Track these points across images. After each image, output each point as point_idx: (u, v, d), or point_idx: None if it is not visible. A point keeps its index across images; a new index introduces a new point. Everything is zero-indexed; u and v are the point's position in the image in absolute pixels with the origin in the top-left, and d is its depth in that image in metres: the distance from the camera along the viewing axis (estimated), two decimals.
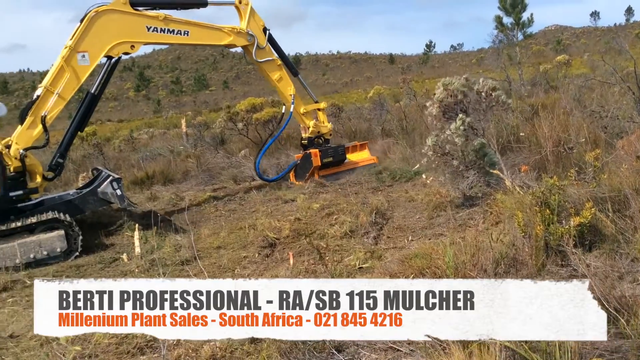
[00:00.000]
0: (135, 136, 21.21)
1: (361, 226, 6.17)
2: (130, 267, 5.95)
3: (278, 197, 8.83)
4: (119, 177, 7.45)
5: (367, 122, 14.86)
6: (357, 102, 24.96)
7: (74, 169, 13.68)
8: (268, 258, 5.74)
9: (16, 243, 6.30)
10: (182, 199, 9.80)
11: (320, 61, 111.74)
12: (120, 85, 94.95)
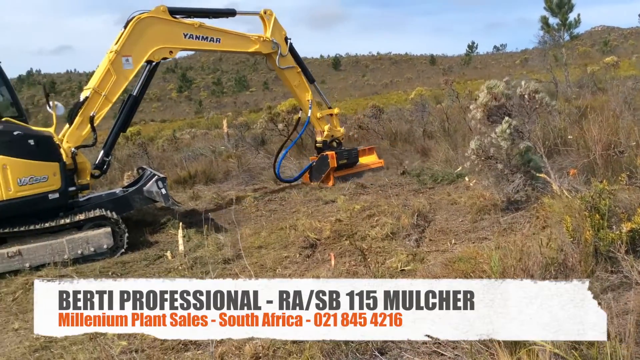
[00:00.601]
0: (177, 136, 21.60)
1: (402, 228, 6.12)
2: (174, 265, 6.05)
3: (318, 197, 8.85)
4: (164, 177, 7.61)
5: (408, 123, 14.75)
6: (397, 103, 24.82)
7: (119, 167, 14.02)
8: (309, 258, 5.76)
9: (65, 239, 6.49)
10: (224, 199, 9.92)
11: (360, 62, 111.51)
12: (163, 86, 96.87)
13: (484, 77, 37.65)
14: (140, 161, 14.16)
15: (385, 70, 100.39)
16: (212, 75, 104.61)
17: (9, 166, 6.51)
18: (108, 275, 6.00)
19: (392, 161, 11.12)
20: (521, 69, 40.36)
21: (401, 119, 15.85)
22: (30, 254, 6.28)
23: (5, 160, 6.50)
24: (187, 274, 5.60)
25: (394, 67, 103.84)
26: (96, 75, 7.58)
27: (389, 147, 12.25)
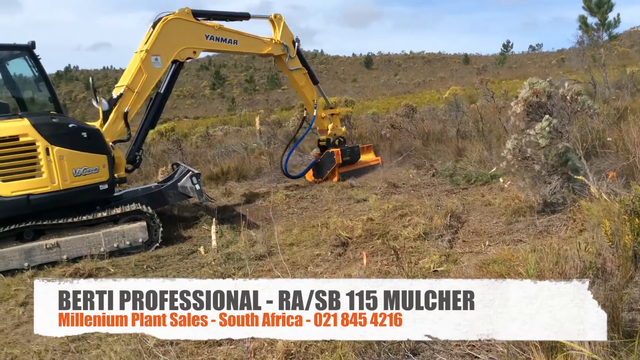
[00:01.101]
0: (210, 133, 21.82)
1: (435, 229, 6.07)
2: (207, 260, 6.12)
3: (350, 196, 8.85)
4: (198, 172, 7.71)
5: (441, 123, 14.62)
6: (430, 102, 24.61)
7: (154, 163, 14.24)
8: (341, 257, 5.76)
9: (101, 232, 6.63)
10: (255, 196, 10.01)
11: (393, 61, 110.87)
12: (197, 83, 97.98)
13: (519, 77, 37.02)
14: (174, 157, 14.36)
15: (417, 69, 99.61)
16: (245, 73, 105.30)
17: (65, 157, 6.75)
18: (143, 269, 6.11)
19: (424, 161, 11.04)
20: (558, 69, 39.58)
21: (434, 119, 15.71)
22: (68, 246, 6.43)
23: (62, 152, 6.73)
24: (220, 270, 5.66)
25: (427, 66, 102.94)
26: (128, 74, 7.77)
27: (422, 147, 12.15)
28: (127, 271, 6.03)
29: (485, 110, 13.87)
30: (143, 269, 6.13)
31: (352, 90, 62.74)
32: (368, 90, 60.29)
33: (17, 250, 6.28)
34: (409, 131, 13.70)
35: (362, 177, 10.32)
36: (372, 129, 15.44)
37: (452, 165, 10.15)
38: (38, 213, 6.55)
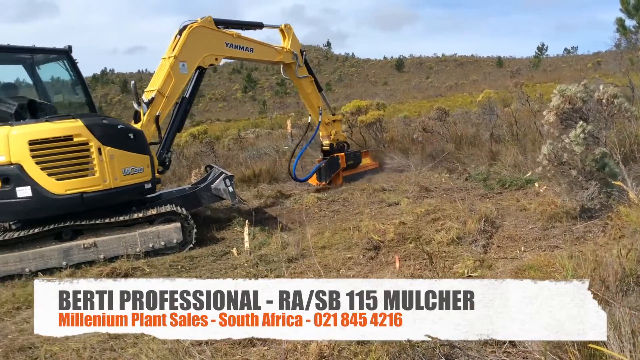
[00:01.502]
0: (242, 135, 22.00)
1: (469, 233, 6.00)
2: (240, 261, 6.18)
3: (381, 199, 8.83)
4: (231, 175, 7.80)
5: (474, 126, 14.46)
6: (462, 106, 24.35)
7: (187, 165, 14.44)
8: (373, 260, 5.75)
9: (137, 232, 6.75)
10: (287, 198, 10.06)
11: (424, 64, 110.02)
12: (229, 86, 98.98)
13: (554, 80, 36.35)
14: (207, 159, 14.54)
15: (450, 72, 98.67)
16: (276, 76, 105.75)
17: (115, 157, 6.98)
18: (178, 269, 6.20)
19: (456, 165, 10.95)
20: (594, 72, 38.76)
21: (467, 122, 15.55)
22: (105, 245, 6.57)
23: (113, 152, 6.95)
24: (253, 271, 5.70)
25: (459, 68, 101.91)
26: (158, 78, 7.96)
27: (454, 151, 12.04)
28: (162, 271, 6.12)
29: (519, 113, 13.67)
30: (177, 269, 6.22)
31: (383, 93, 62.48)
32: (399, 94, 59.98)
33: (55, 250, 6.44)
34: (441, 135, 13.59)
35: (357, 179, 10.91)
36: (404, 133, 15.37)
37: (485, 169, 10.04)
38: (83, 212, 6.73)
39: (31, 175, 6.45)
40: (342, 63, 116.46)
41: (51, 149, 6.57)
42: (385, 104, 19.86)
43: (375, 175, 11.32)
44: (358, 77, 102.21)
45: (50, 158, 6.57)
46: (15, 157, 6.42)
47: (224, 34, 8.80)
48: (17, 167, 6.42)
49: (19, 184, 6.41)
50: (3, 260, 6.29)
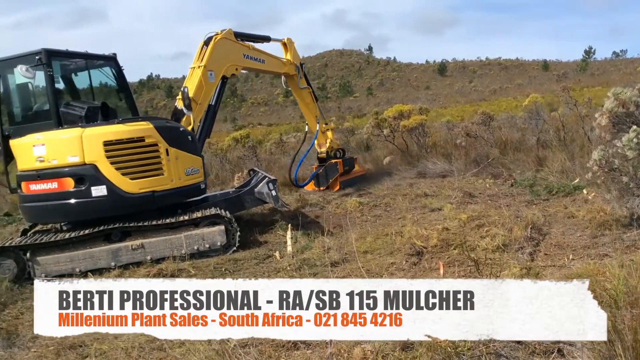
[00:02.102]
0: (284, 139, 22.17)
1: (515, 240, 5.89)
2: (283, 265, 6.22)
3: (424, 205, 8.74)
4: (274, 179, 7.87)
5: (519, 131, 14.18)
6: (507, 110, 23.92)
7: (230, 169, 14.64)
8: (416, 266, 5.70)
9: (183, 235, 6.88)
10: (329, 202, 10.07)
11: (468, 68, 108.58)
12: (270, 91, 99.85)
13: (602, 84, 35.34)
14: (249, 163, 14.70)
15: (493, 76, 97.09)
16: (318, 80, 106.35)
17: (179, 158, 7.32)
18: (222, 271, 6.28)
19: (501, 170, 10.76)
20: None
21: (512, 127, 15.27)
22: (152, 247, 6.72)
23: (177, 153, 7.30)
24: (296, 275, 5.73)
25: (504, 72, 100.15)
26: (191, 87, 8.13)
27: (499, 156, 11.83)
28: (206, 273, 6.22)
29: (566, 118, 13.34)
30: (221, 271, 6.30)
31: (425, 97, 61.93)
32: (441, 98, 59.36)
33: (104, 250, 6.63)
34: (485, 140, 13.37)
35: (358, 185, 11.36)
36: (447, 137, 15.21)
37: (532, 175, 9.83)
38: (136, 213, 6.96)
39: (106, 175, 6.73)
40: (383, 67, 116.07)
41: (125, 150, 6.87)
42: (428, 109, 19.69)
43: (365, 180, 11.83)
44: (399, 82, 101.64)
45: (124, 158, 6.86)
46: (90, 157, 6.69)
47: (242, 45, 9.15)
48: (91, 167, 6.69)
49: (94, 184, 6.69)
50: (55, 260, 6.52)
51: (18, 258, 6.53)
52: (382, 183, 11.60)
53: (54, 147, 6.68)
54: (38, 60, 6.85)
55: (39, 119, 7.10)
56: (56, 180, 6.68)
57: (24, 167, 6.93)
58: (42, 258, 6.51)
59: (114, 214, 6.84)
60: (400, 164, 13.29)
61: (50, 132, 6.81)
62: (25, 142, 6.86)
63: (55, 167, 6.67)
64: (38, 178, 6.73)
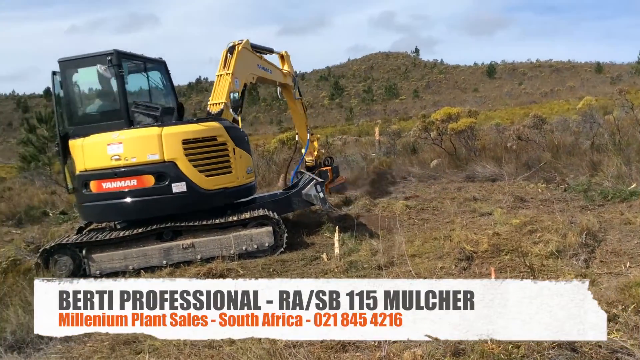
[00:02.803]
0: (330, 142, 22.22)
1: (569, 247, 5.72)
2: (330, 267, 6.22)
3: (473, 209, 8.60)
4: (322, 181, 7.90)
5: (572, 135, 13.79)
6: (559, 113, 23.31)
7: (277, 170, 14.77)
8: (465, 271, 5.61)
9: (232, 235, 6.98)
10: (376, 205, 10.02)
11: (517, 70, 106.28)
12: (316, 93, 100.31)
13: None
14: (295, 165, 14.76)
15: (544, 78, 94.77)
16: (363, 83, 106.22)
17: (242, 157, 7.70)
18: (269, 272, 6.34)
19: (554, 175, 10.48)
20: None
21: (565, 130, 14.86)
22: (202, 246, 6.85)
23: (240, 152, 7.66)
24: (343, 277, 5.73)
25: (555, 74, 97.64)
26: (222, 93, 8.23)
27: (551, 160, 11.53)
28: (254, 273, 6.28)
29: (622, 122, 12.90)
30: (269, 272, 6.36)
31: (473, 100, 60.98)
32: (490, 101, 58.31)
33: (157, 249, 6.80)
34: (537, 143, 13.06)
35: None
36: (496, 141, 14.92)
37: (586, 180, 9.54)
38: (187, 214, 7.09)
39: (185, 172, 6.99)
40: (430, 69, 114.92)
41: (201, 148, 7.17)
42: (477, 111, 19.37)
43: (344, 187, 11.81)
44: (447, 84, 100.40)
45: (200, 156, 7.16)
46: (169, 155, 6.93)
47: (257, 56, 9.36)
48: (171, 164, 6.94)
49: (175, 180, 6.94)
50: (109, 258, 6.73)
51: (74, 255, 6.76)
52: (430, 186, 11.48)
53: (132, 145, 6.89)
54: (109, 61, 7.02)
55: (107, 118, 7.27)
56: (135, 178, 6.89)
57: (93, 166, 7.02)
58: (97, 255, 6.73)
59: (192, 209, 7.11)
60: (447, 168, 13.11)
61: (126, 131, 7.00)
62: (97, 141, 6.98)
63: (135, 165, 6.89)
64: (115, 176, 6.90)
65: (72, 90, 7.42)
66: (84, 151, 7.06)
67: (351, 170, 14.08)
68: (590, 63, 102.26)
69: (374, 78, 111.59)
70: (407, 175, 13.18)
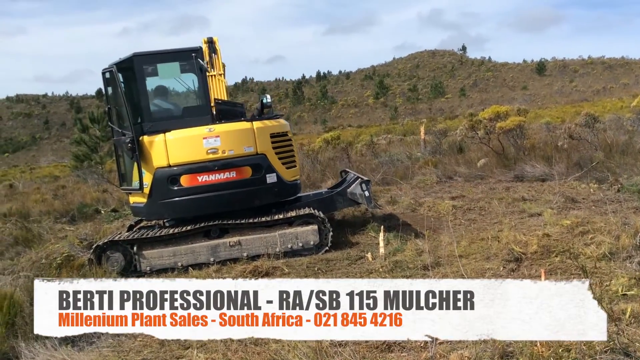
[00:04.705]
0: (375, 141, 22.14)
1: (622, 249, 5.53)
2: (375, 267, 6.20)
3: (522, 210, 8.42)
4: (368, 180, 7.87)
5: (627, 134, 13.32)
6: (612, 111, 22.55)
7: (321, 170, 14.82)
8: (514, 272, 5.50)
9: (277, 233, 7.05)
10: (421, 205, 9.93)
11: (568, 67, 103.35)
12: (360, 93, 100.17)
13: None
14: (340, 164, 14.80)
15: (597, 75, 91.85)
16: (408, 82, 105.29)
17: (297, 153, 8.22)
18: (314, 271, 6.37)
19: (607, 175, 10.15)
20: None
21: (619, 129, 14.37)
22: (248, 244, 6.94)
23: (296, 148, 8.18)
24: (388, 277, 5.71)
25: (607, 72, 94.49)
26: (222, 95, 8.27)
27: (604, 159, 11.17)
28: (299, 272, 6.32)
29: None
30: (314, 270, 6.39)
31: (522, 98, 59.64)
32: (539, 99, 56.91)
33: (204, 246, 6.93)
34: (589, 142, 12.67)
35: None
36: (546, 140, 14.56)
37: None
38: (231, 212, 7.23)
39: (273, 164, 7.41)
40: (477, 67, 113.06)
41: (281, 142, 7.64)
42: (527, 109, 18.95)
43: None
44: (494, 82, 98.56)
45: (283, 149, 7.62)
46: (262, 147, 7.32)
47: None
48: (263, 156, 7.34)
49: (268, 172, 7.33)
50: (159, 255, 6.90)
51: (125, 252, 6.96)
52: (477, 186, 11.30)
53: (229, 138, 7.17)
54: (194, 57, 7.21)
55: (190, 114, 7.50)
56: (235, 170, 7.17)
57: (185, 160, 7.06)
58: (147, 252, 6.91)
59: (279, 199, 7.58)
60: (495, 167, 12.86)
61: (220, 124, 7.25)
62: (190, 135, 7.08)
63: (233, 157, 7.18)
64: (214, 169, 7.11)
65: (148, 86, 7.42)
66: (168, 146, 7.04)
67: (396, 170, 13.99)
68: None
69: (419, 77, 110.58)
70: (454, 174, 13.00)
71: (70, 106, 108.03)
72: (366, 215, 9.10)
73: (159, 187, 7.13)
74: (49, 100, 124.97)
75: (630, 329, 3.61)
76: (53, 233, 10.24)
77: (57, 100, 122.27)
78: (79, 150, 22.79)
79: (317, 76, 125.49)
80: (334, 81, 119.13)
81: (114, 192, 14.38)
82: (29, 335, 4.54)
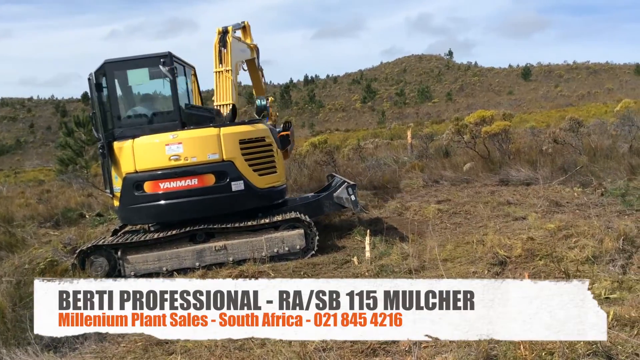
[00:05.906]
0: (362, 145, 22.19)
1: (606, 252, 5.59)
2: (361, 270, 6.21)
3: (507, 213, 8.48)
4: (354, 184, 7.89)
5: (610, 138, 13.47)
6: (596, 116, 22.80)
7: (308, 174, 14.80)
8: (498, 276, 5.52)
9: (263, 237, 7.02)
10: (407, 209, 9.96)
11: (553, 72, 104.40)
12: (348, 97, 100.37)
13: None
14: (327, 168, 14.80)
15: (581, 80, 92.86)
16: (396, 86, 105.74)
17: (281, 159, 8.07)
18: (300, 275, 6.36)
19: (591, 179, 10.26)
20: None
21: (603, 134, 14.53)
22: (234, 249, 6.91)
23: (280, 154, 8.09)
24: None
25: (592, 77, 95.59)
26: (227, 93, 8.44)
27: (588, 163, 11.28)
28: (285, 276, 6.30)
29: None
30: (300, 274, 6.38)
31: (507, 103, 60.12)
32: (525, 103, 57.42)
33: (190, 251, 6.89)
34: (573, 146, 12.79)
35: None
36: (531, 144, 14.68)
37: (624, 184, 9.32)
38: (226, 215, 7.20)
39: (242, 171, 7.18)
40: (463, 72, 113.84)
41: (254, 148, 7.40)
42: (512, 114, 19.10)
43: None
44: (480, 87, 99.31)
45: (254, 156, 7.37)
46: (228, 154, 7.13)
47: (236, 39, 9.34)
48: (230, 163, 7.13)
49: (234, 179, 7.13)
50: (143, 259, 6.85)
51: (110, 256, 6.90)
52: (462, 190, 11.35)
53: (192, 145, 7.04)
54: (163, 63, 7.08)
55: (159, 120, 7.47)
56: (196, 177, 7.03)
57: (148, 167, 7.03)
58: (132, 257, 6.86)
59: (249, 207, 7.33)
60: (481, 171, 12.94)
61: (185, 131, 7.12)
62: (153, 142, 7.03)
63: (195, 164, 7.03)
64: (175, 176, 7.01)
65: (119, 92, 7.49)
66: (135, 152, 7.02)
67: (383, 174, 14.01)
68: (629, 64, 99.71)
69: (406, 81, 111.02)
70: (440, 178, 13.05)
71: (55, 110, 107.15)
72: (352, 219, 9.11)
73: (127, 193, 7.14)
74: (34, 104, 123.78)
75: (612, 332, 3.64)
76: (37, 238, 10.12)
77: (43, 104, 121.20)
78: (64, 154, 22.64)
79: (305, 80, 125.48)
80: (322, 85, 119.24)
81: (99, 196, 14.25)
82: (10, 342, 4.50)
